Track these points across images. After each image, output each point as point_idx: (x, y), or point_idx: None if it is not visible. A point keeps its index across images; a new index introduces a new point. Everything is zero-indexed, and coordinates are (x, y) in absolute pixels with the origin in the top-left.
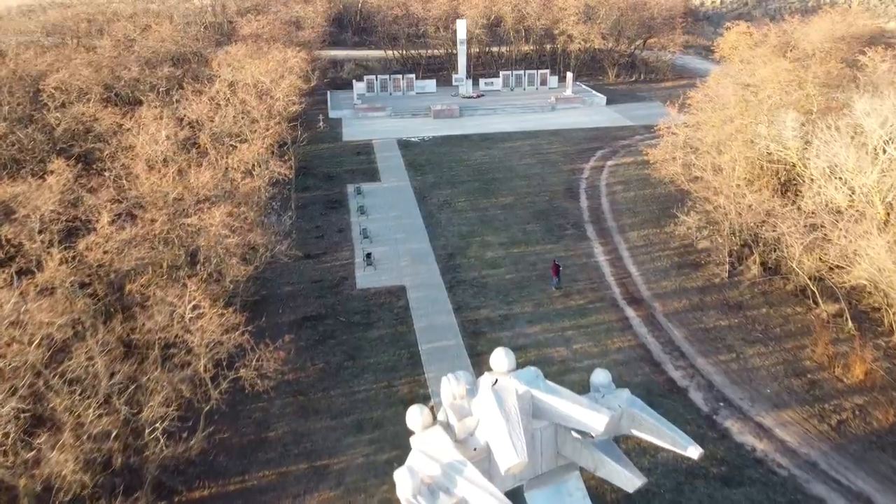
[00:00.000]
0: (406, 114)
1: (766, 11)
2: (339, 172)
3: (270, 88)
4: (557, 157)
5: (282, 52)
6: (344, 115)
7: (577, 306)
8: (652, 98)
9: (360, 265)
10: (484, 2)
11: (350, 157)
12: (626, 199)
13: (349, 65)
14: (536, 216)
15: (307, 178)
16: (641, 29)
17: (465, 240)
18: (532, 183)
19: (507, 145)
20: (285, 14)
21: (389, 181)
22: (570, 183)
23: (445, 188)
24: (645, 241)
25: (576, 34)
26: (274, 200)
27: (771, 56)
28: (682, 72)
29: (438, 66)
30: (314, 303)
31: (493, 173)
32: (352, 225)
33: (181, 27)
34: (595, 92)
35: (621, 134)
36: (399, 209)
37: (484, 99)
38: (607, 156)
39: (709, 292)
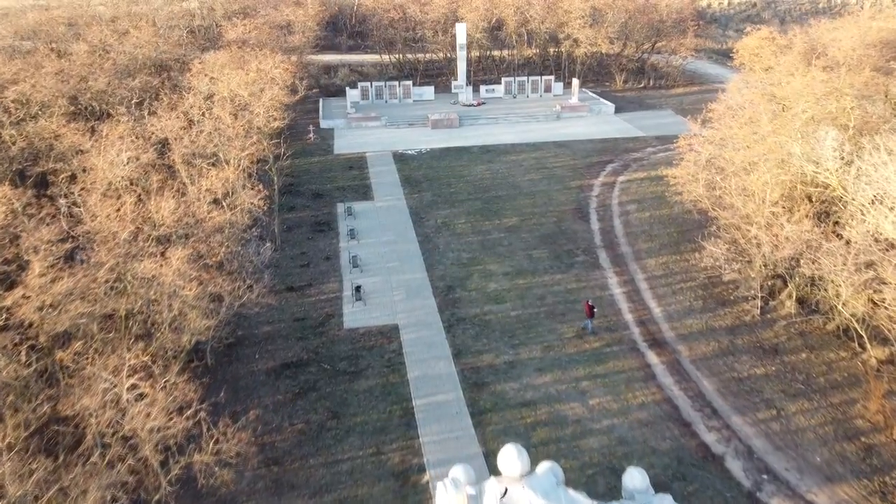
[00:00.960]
0: (402, 123)
1: (776, 13)
2: (328, 189)
3: (249, 102)
4: (564, 172)
5: (263, 62)
6: (336, 125)
7: (592, 350)
8: (662, 106)
9: (348, 300)
10: (485, 4)
11: (341, 171)
12: (640, 220)
13: (343, 70)
14: (543, 240)
15: (294, 196)
16: (650, 32)
17: (465, 269)
18: (538, 202)
19: (511, 158)
20: (275, 18)
21: (383, 199)
22: (579, 201)
23: (444, 207)
24: (664, 271)
25: (582, 38)
26: (254, 226)
27: (799, 64)
28: (692, 77)
29: (437, 72)
30: (295, 346)
31: (496, 190)
32: (340, 251)
33: (163, 31)
34: (602, 99)
35: (632, 146)
36: (393, 232)
37: (485, 107)
38: (618, 171)
39: (740, 333)
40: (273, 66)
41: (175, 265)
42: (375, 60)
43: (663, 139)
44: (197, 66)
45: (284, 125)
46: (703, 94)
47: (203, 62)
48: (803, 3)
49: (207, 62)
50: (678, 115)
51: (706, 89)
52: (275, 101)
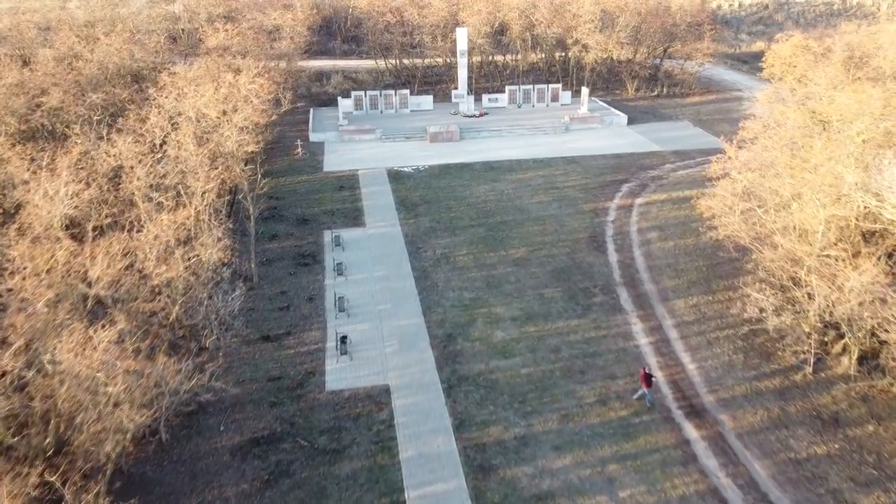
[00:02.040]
0: (398, 136)
1: (789, 15)
2: (315, 214)
3: (218, 124)
4: (576, 193)
5: (237, 76)
6: (327, 139)
7: (618, 420)
8: (678, 116)
9: (332, 353)
10: (487, 7)
11: (331, 192)
12: (664, 251)
13: (336, 77)
14: (555, 276)
15: (277, 222)
16: (664, 37)
17: (467, 311)
18: (548, 228)
19: (516, 177)
20: (262, 22)
21: (376, 225)
22: (593, 228)
23: (443, 235)
24: (696, 315)
25: (592, 44)
26: (226, 265)
27: (841, 76)
28: (708, 85)
29: (436, 79)
30: (268, 414)
31: (501, 215)
32: (326, 290)
33: (139, 37)
34: (614, 109)
35: (648, 162)
36: (386, 266)
37: (487, 118)
38: (635, 191)
39: (791, 397)
40: (248, 80)
41: (99, 354)
42: (371, 66)
43: (682, 154)
44: (165, 79)
45: (260, 149)
46: (721, 104)
47: (173, 74)
48: (817, 4)
49: (178, 74)
50: (696, 126)
51: (724, 98)
52: (249, 121)
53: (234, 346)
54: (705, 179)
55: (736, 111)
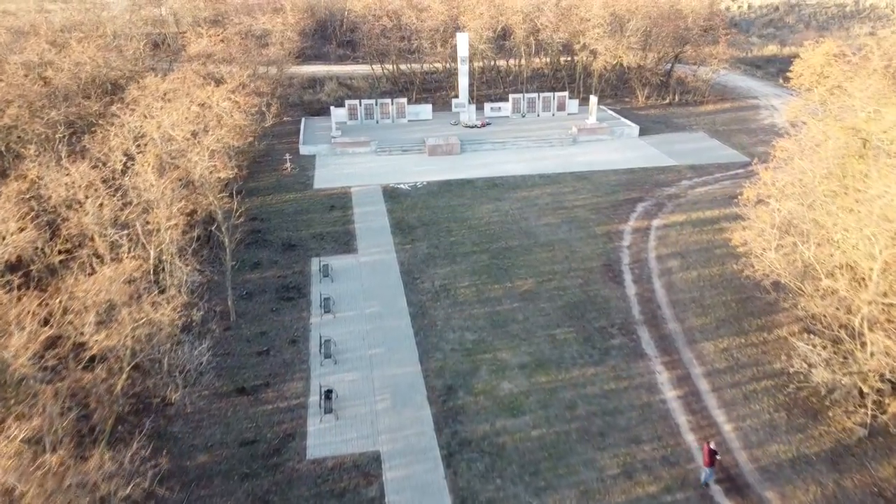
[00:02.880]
0: (395, 149)
1: (800, 17)
2: (303, 238)
3: (185, 149)
4: (587, 214)
5: (211, 90)
6: (319, 152)
7: (647, 498)
8: (693, 126)
9: (315, 410)
10: (490, 11)
11: (321, 213)
12: (687, 282)
13: (330, 84)
14: (568, 313)
15: (260, 247)
16: (676, 41)
17: (469, 357)
18: (557, 255)
19: (522, 195)
20: (251, 26)
21: (369, 252)
22: (607, 254)
23: (442, 263)
24: (728, 361)
25: (601, 49)
26: (196, 306)
27: (886, 87)
28: (723, 92)
29: (436, 86)
30: (238, 490)
31: (506, 239)
32: (311, 330)
33: (116, 43)
34: (624, 119)
35: (664, 178)
36: (379, 301)
37: (490, 129)
38: (651, 211)
39: (846, 467)
40: (221, 97)
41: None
42: (367, 72)
43: (699, 169)
44: (133, 93)
45: (236, 174)
46: (736, 112)
47: (142, 88)
48: (829, 6)
49: (149, 87)
50: (712, 137)
51: (739, 106)
52: (221, 144)
53: (202, 402)
54: (728, 198)
55: (753, 121)
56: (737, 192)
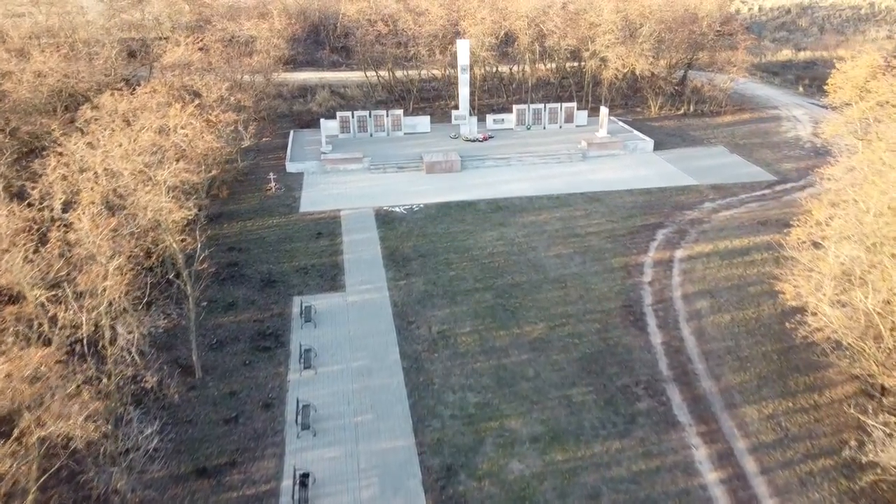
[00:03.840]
0: (390, 166)
1: (813, 20)
2: (285, 272)
3: (133, 189)
4: (602, 243)
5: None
6: (307, 169)
7: None
8: (711, 140)
9: (287, 500)
10: (492, 15)
11: (306, 241)
12: (719, 328)
13: (322, 93)
14: (585, 367)
15: (236, 283)
16: (690, 47)
17: (472, 426)
18: (570, 294)
19: (528, 219)
20: (235, 32)
21: (358, 289)
22: (626, 293)
23: (441, 304)
24: (776, 432)
25: (612, 57)
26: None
27: None
28: (740, 101)
29: (434, 95)
30: None
31: (512, 273)
32: (288, 390)
33: (93, 50)
34: (637, 132)
35: (684, 200)
36: (368, 352)
37: (493, 143)
38: (673, 240)
39: None
40: (181, 122)
41: None
42: (361, 79)
43: (722, 190)
44: (86, 113)
45: (195, 213)
46: (757, 124)
47: (98, 107)
48: (843, 9)
49: (105, 106)
50: (733, 152)
51: (760, 117)
52: (179, 178)
53: (153, 490)
54: (757, 224)
55: (775, 133)
56: (766, 216)
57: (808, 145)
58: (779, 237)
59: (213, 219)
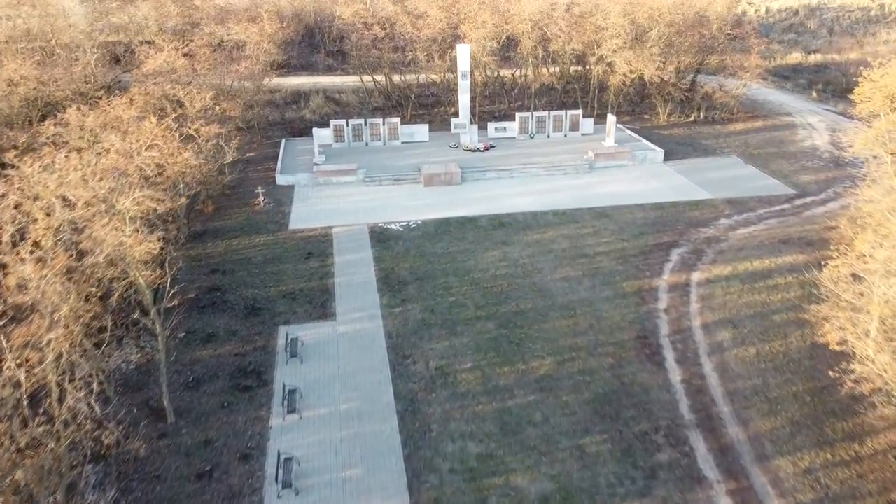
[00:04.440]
0: (386, 178)
1: (822, 22)
2: (271, 298)
3: (89, 221)
4: (612, 264)
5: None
6: (298, 182)
7: None
8: (723, 150)
9: None
10: (493, 19)
11: (294, 262)
12: (744, 363)
13: (316, 99)
14: (598, 409)
15: (217, 312)
16: (700, 51)
17: (473, 483)
18: (580, 323)
19: (533, 237)
20: (223, 37)
21: (349, 317)
22: (640, 321)
23: (439, 335)
24: (815, 491)
25: (619, 62)
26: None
27: None
28: (752, 107)
29: (433, 101)
30: None
31: (516, 299)
32: (269, 439)
33: (68, 56)
34: (646, 141)
35: (698, 215)
36: (359, 392)
37: (494, 153)
38: (689, 261)
39: None
40: (145, 142)
41: None
42: (357, 84)
43: (738, 205)
44: (49, 129)
45: (162, 247)
46: (771, 132)
47: (64, 123)
48: (852, 10)
49: (71, 122)
50: (748, 163)
51: (773, 125)
52: (143, 207)
53: None
54: (778, 243)
55: (791, 142)
56: (787, 234)
57: (826, 155)
58: (802, 257)
59: (197, 236)
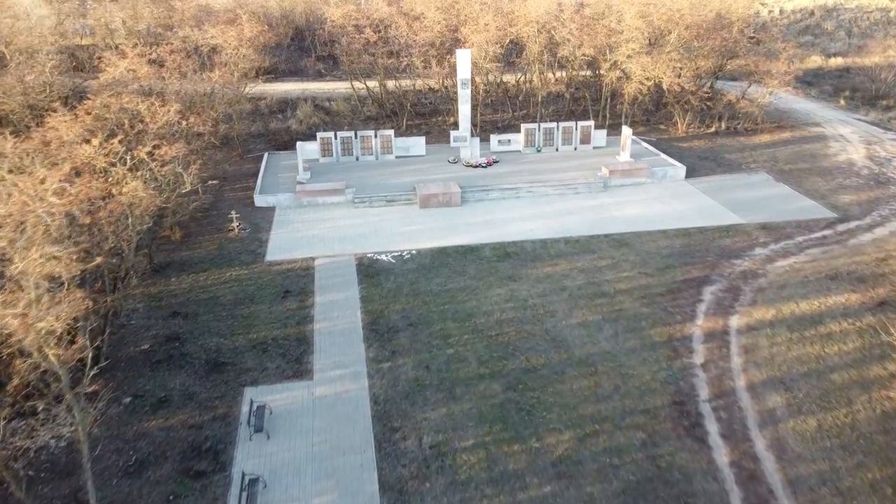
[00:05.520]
0: (377, 199)
1: (839, 23)
2: (238, 350)
3: None
4: (636, 305)
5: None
6: (279, 203)
7: None
8: (750, 165)
9: None
10: (497, 22)
11: (269, 302)
12: (804, 438)
13: (305, 108)
14: None
15: (173, 368)
16: (721, 56)
17: None
18: (602, 383)
19: (544, 271)
20: (197, 41)
21: (328, 376)
22: (674, 380)
23: (436, 399)
24: None
25: (636, 69)
26: None
27: None
28: (777, 117)
29: (430, 109)
30: None
31: (526, 352)
32: None
33: (17, 65)
34: (666, 156)
35: (730, 244)
36: (335, 481)
37: (498, 168)
38: (724, 302)
39: None
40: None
41: None
42: (349, 92)
43: (774, 231)
44: None
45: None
46: (800, 145)
47: None
48: (871, 11)
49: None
50: (779, 181)
51: (802, 136)
52: (45, 271)
53: None
54: (825, 279)
55: (824, 156)
56: (834, 267)
57: (864, 171)
58: (856, 297)
59: (160, 269)
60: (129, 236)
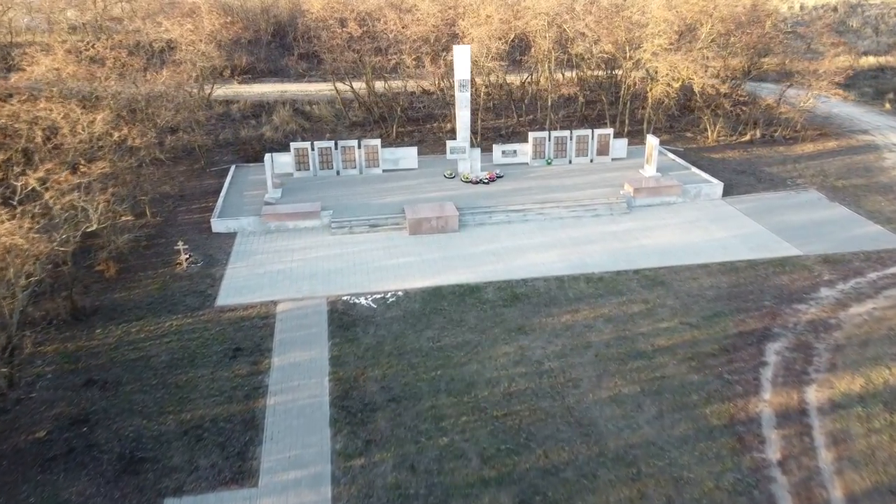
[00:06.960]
0: (359, 223)
1: (865, 20)
2: (162, 439)
3: None
4: (680, 370)
5: None
6: (241, 229)
7: None
8: (797, 180)
9: None
10: (500, 13)
11: (213, 366)
12: None
13: (283, 112)
14: None
15: (72, 468)
16: (757, 53)
17: None
18: (648, 494)
19: (561, 321)
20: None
21: (279, 480)
22: (745, 488)
23: None
24: None
25: (663, 69)
26: None
27: None
28: (817, 123)
29: (425, 114)
30: None
31: (543, 442)
32: None
33: None
34: (699, 171)
35: (789, 282)
36: None
37: (502, 184)
38: (794, 365)
39: None
40: None
41: None
42: (333, 94)
43: (839, 264)
44: None
45: None
46: (849, 156)
47: None
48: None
49: None
50: (833, 200)
51: (850, 146)
52: None
53: None
54: None
55: (879, 170)
56: None
57: None
58: None
59: (85, 317)
60: (14, 292)
